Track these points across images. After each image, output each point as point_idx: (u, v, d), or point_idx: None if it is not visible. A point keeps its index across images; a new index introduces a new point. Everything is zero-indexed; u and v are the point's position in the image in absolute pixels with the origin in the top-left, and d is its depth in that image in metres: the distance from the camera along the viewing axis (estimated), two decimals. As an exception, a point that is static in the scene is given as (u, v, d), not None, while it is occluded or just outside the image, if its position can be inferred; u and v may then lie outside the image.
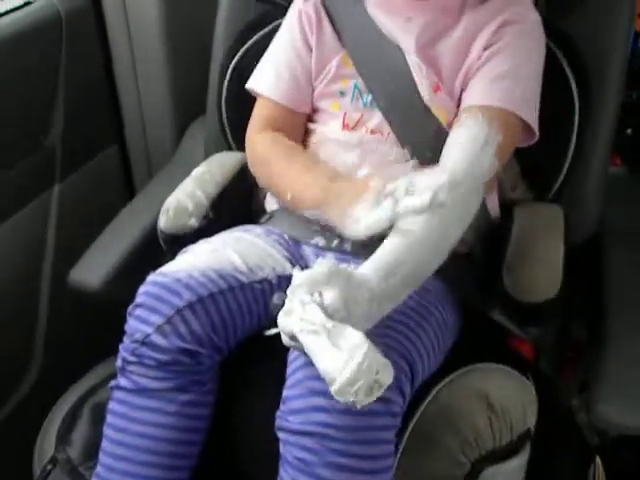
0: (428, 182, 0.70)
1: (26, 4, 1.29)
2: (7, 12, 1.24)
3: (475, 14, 0.88)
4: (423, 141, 0.87)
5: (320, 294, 0.66)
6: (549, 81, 0.90)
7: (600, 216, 1.09)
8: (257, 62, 0.98)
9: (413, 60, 0.87)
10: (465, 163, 0.79)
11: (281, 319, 0.67)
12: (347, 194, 0.79)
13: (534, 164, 0.99)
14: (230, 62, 1.08)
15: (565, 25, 0.98)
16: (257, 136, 0.97)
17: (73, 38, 1.30)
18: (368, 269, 0.72)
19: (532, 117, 0.87)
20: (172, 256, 0.90)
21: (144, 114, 1.46)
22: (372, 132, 0.90)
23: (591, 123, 1.01)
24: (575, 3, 0.95)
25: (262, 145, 0.96)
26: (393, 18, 0.89)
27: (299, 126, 0.97)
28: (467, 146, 0.80)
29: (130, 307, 0.82)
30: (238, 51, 1.08)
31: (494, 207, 0.98)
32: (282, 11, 0.99)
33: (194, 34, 1.38)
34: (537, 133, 0.89)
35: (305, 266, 0.80)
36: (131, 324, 0.81)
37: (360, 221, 0.75)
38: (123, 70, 1.42)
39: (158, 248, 0.99)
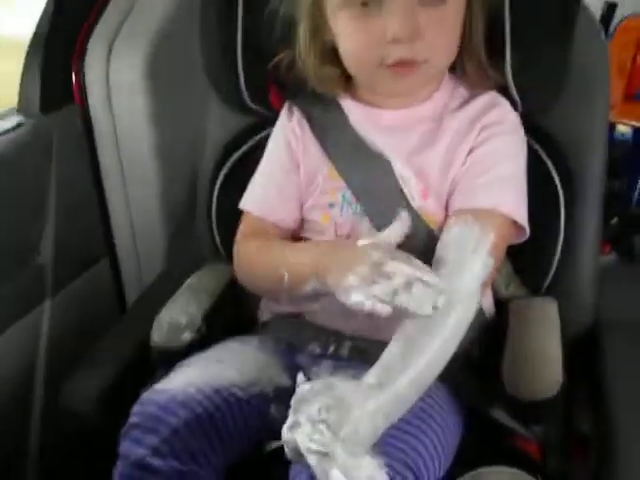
0: (426, 290, 0.71)
1: (18, 125, 1.32)
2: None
3: (456, 119, 0.90)
4: (413, 247, 0.86)
5: (327, 409, 0.65)
6: (532, 176, 0.91)
7: (595, 306, 1.09)
8: (244, 174, 0.99)
9: (400, 170, 0.88)
10: (458, 266, 0.79)
11: (286, 434, 0.66)
12: (345, 258, 0.77)
13: (525, 259, 0.99)
14: (218, 175, 1.10)
15: (542, 120, 1.00)
16: (243, 244, 0.97)
17: (63, 156, 1.33)
18: (372, 378, 0.71)
19: (521, 215, 0.87)
20: (165, 372, 0.89)
21: (135, 227, 1.47)
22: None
23: (577, 215, 1.02)
24: (550, 98, 0.97)
25: (248, 248, 0.95)
26: (376, 129, 0.91)
27: (286, 239, 0.97)
28: (459, 249, 0.81)
29: (124, 428, 0.79)
30: (225, 164, 1.09)
31: (488, 306, 0.98)
32: (268, 122, 1.01)
33: (183, 148, 1.41)
34: (528, 230, 0.89)
35: (307, 377, 0.79)
36: (126, 446, 0.78)
37: (351, 294, 0.74)
38: (113, 185, 1.44)
39: (151, 364, 0.98)
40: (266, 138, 1.01)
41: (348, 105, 0.93)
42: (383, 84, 0.87)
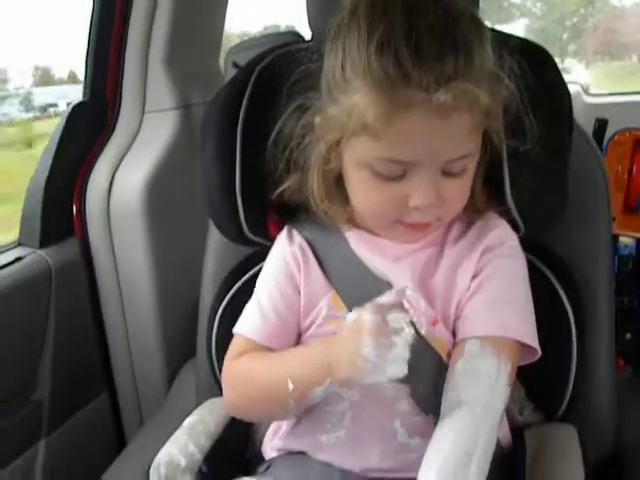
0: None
1: (17, 260, 1.32)
2: (-2, 268, 1.27)
3: (457, 246, 0.88)
4: (422, 374, 0.83)
5: None
6: (539, 296, 0.89)
7: (615, 428, 1.04)
8: (244, 307, 0.97)
9: (410, 295, 0.84)
10: (482, 398, 0.76)
11: None
12: (348, 343, 0.73)
13: (538, 383, 0.96)
14: (218, 307, 1.07)
15: (546, 239, 0.99)
16: (233, 363, 0.90)
17: (62, 290, 1.32)
18: None
19: (532, 337, 0.84)
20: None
21: (134, 360, 1.45)
22: None
23: (589, 333, 0.99)
24: (552, 219, 0.96)
25: (240, 365, 0.89)
26: (381, 258, 0.89)
27: None
28: (480, 382, 0.78)
29: None
30: (225, 296, 1.07)
31: (504, 436, 0.92)
32: (267, 252, 0.99)
33: (183, 280, 1.41)
34: (539, 350, 0.86)
35: None
36: None
37: (377, 365, 0.70)
38: (113, 318, 1.43)
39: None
40: (263, 270, 1.00)
41: (351, 234, 0.91)
42: (396, 235, 0.86)
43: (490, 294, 0.84)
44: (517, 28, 5.33)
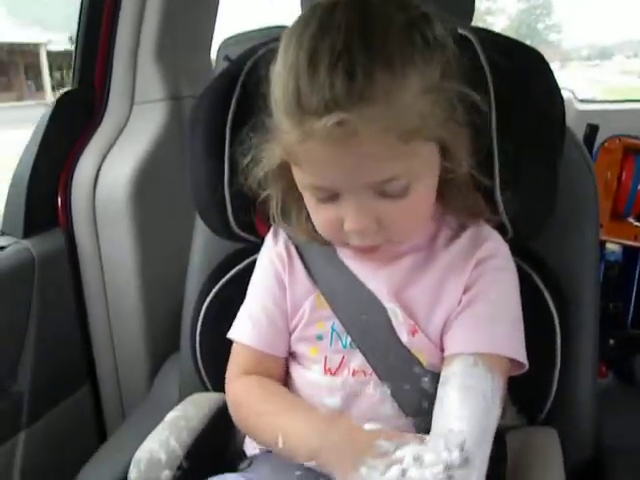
0: (437, 458, 0.70)
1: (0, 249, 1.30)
2: (-19, 259, 1.25)
3: (447, 254, 0.86)
4: (404, 380, 0.84)
5: None
6: (526, 300, 0.88)
7: (595, 432, 1.05)
8: (230, 302, 0.96)
9: (388, 304, 0.85)
10: (478, 421, 0.75)
11: None
12: (349, 450, 0.74)
13: (521, 388, 0.95)
14: (203, 303, 1.06)
15: (534, 243, 0.99)
16: (237, 382, 0.91)
17: (46, 281, 1.30)
18: None
19: (522, 353, 0.84)
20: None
21: (117, 353, 1.44)
22: (354, 373, 0.86)
23: (573, 339, 0.99)
24: (541, 223, 0.96)
25: (244, 390, 0.90)
26: (363, 264, 0.88)
27: (280, 370, 0.92)
28: (475, 403, 0.76)
29: None
30: (210, 291, 1.06)
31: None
32: (254, 248, 0.99)
33: (168, 273, 1.39)
34: (527, 365, 0.85)
35: None
36: None
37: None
38: (96, 310, 1.42)
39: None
40: (252, 264, 0.99)
41: None
42: (355, 253, 0.85)
43: (482, 309, 0.83)
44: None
